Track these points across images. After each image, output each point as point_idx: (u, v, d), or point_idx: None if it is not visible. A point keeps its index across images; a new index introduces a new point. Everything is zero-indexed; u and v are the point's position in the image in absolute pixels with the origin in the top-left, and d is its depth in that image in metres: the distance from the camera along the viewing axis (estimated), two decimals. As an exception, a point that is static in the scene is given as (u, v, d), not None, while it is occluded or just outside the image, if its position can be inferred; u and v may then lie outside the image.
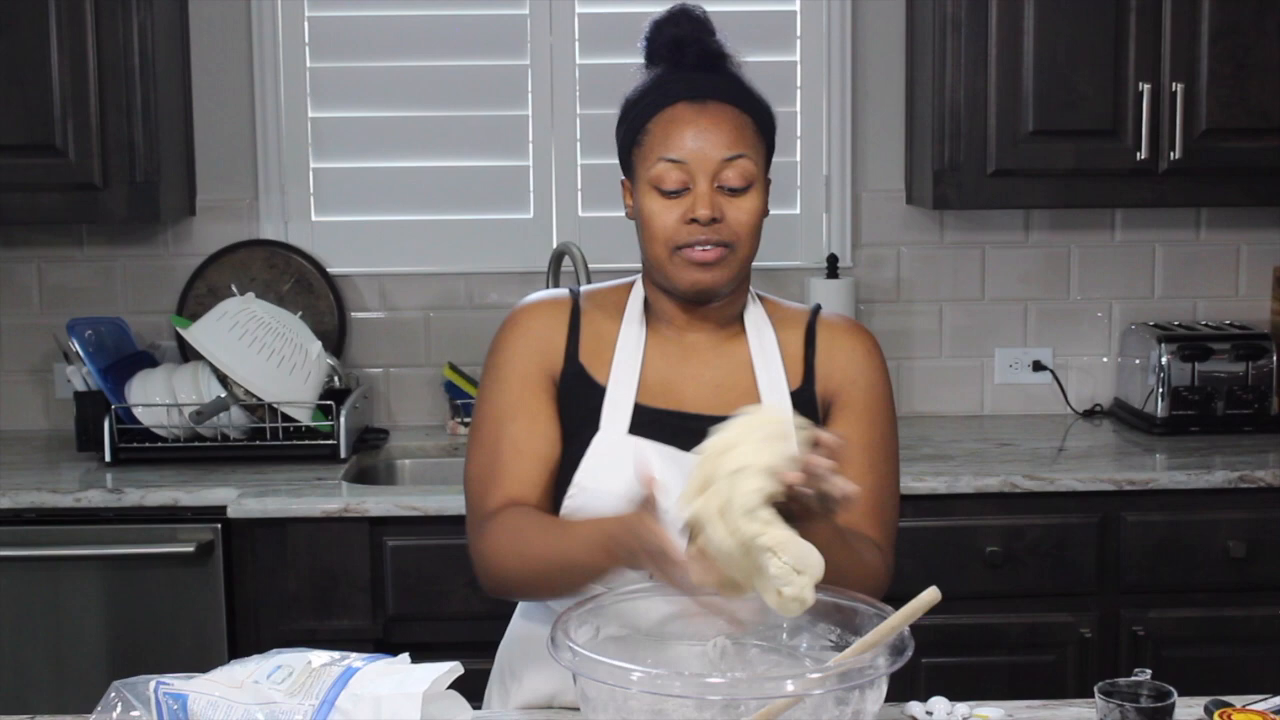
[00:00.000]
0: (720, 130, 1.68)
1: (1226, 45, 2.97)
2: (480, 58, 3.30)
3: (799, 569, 1.35)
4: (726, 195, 1.67)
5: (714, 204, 1.66)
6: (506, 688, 1.81)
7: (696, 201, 1.66)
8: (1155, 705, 1.43)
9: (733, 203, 1.67)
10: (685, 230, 1.66)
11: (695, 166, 1.67)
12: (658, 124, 1.69)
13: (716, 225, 1.66)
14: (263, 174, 3.30)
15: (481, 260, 3.33)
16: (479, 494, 1.71)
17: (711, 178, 1.67)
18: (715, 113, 1.69)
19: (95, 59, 2.91)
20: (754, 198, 1.69)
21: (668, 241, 1.67)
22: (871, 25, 3.31)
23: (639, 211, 1.71)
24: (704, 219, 1.65)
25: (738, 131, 1.69)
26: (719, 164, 1.67)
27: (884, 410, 1.78)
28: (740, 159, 1.68)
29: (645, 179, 1.69)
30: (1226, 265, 3.39)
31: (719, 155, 1.67)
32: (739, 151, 1.68)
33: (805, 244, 3.35)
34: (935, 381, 3.40)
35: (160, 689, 1.40)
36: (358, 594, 2.68)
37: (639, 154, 1.71)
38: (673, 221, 1.67)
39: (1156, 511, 2.78)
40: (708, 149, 1.67)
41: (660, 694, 1.30)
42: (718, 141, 1.67)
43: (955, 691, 1.65)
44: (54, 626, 2.70)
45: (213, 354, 2.92)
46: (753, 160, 1.69)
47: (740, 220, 1.68)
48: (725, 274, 1.69)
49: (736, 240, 1.68)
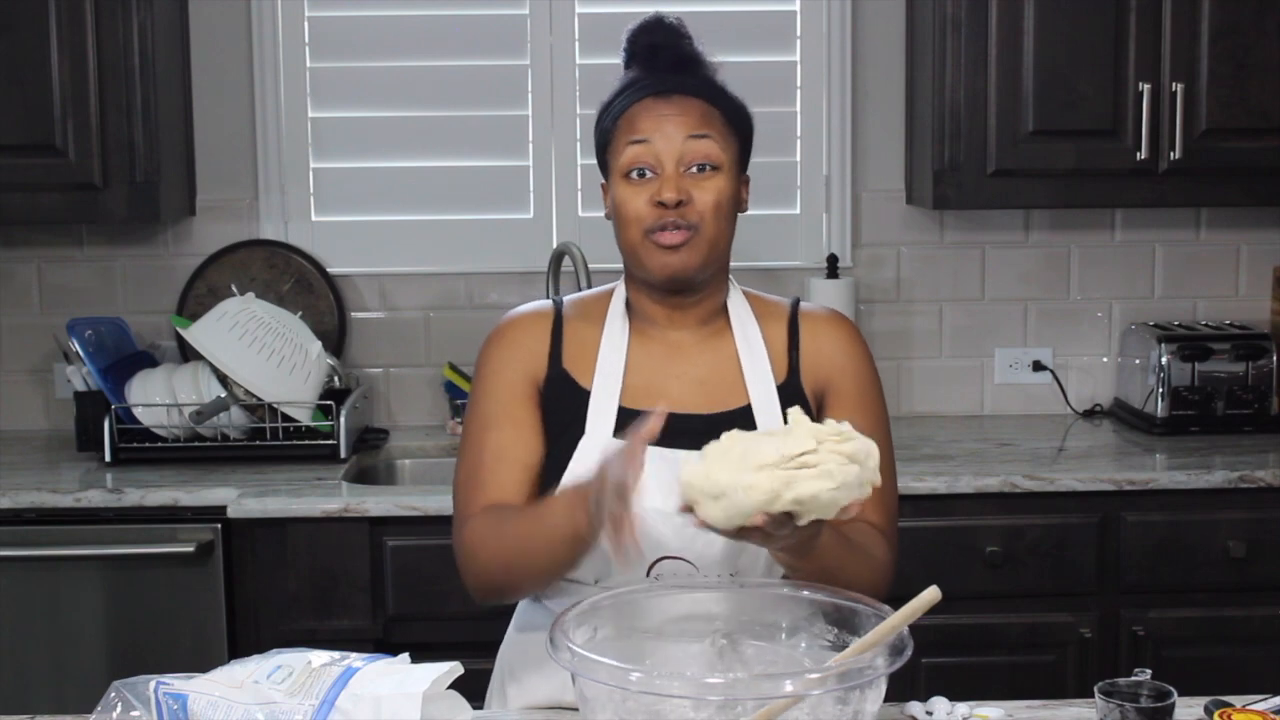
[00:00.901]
0: (685, 117, 1.71)
1: (1226, 45, 2.97)
2: (480, 58, 3.30)
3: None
4: (692, 179, 1.69)
5: (679, 187, 1.68)
6: (506, 690, 1.81)
7: (663, 185, 1.68)
8: (1155, 705, 1.43)
9: (699, 184, 1.70)
10: (653, 214, 1.69)
11: (660, 147, 1.69)
12: (625, 117, 1.73)
13: (683, 208, 1.68)
14: (263, 174, 3.30)
15: (481, 260, 3.33)
16: (463, 500, 1.74)
17: (677, 161, 1.69)
18: (680, 102, 1.72)
19: (95, 59, 2.91)
20: (721, 179, 1.71)
21: (638, 224, 1.70)
22: (871, 25, 3.31)
23: (613, 203, 1.74)
24: (670, 201, 1.67)
25: (703, 117, 1.71)
26: (683, 142, 1.69)
27: (875, 395, 1.80)
28: (704, 139, 1.70)
29: (617, 170, 1.72)
30: (1226, 265, 3.39)
31: (683, 134, 1.69)
32: (703, 132, 1.70)
33: (805, 244, 3.35)
34: (935, 381, 3.40)
35: (160, 689, 1.40)
36: (358, 594, 2.68)
37: (611, 150, 1.74)
38: (642, 205, 1.69)
39: (1156, 511, 2.78)
40: (671, 129, 1.69)
41: (659, 694, 1.30)
42: (682, 124, 1.70)
43: (955, 691, 1.65)
44: (54, 626, 2.70)
45: (213, 354, 2.92)
46: (718, 144, 1.71)
47: (705, 200, 1.69)
48: (694, 257, 1.70)
49: (701, 221, 1.69)
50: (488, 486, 1.72)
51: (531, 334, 1.78)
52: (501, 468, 1.72)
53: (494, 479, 1.72)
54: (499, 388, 1.75)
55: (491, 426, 1.74)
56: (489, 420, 1.74)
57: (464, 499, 1.74)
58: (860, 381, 1.78)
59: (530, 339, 1.78)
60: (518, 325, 1.80)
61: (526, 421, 1.74)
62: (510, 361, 1.77)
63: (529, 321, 1.80)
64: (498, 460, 1.72)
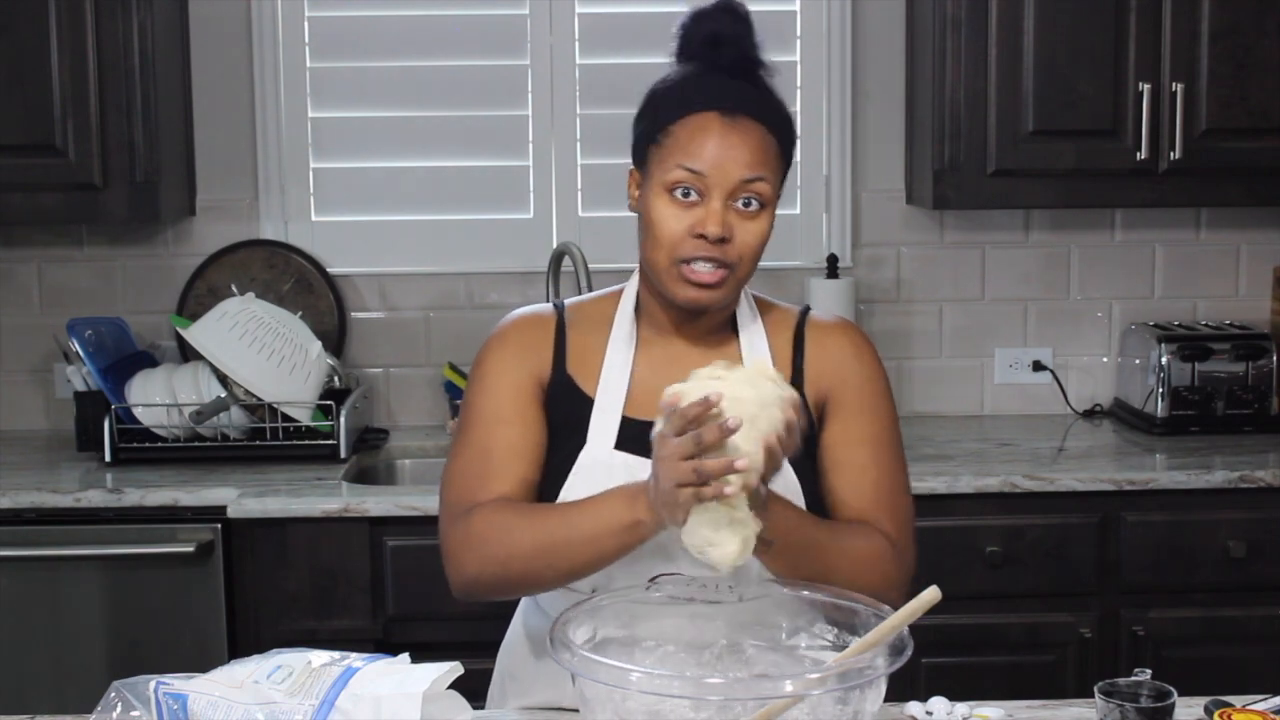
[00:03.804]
0: (746, 148, 1.63)
1: (1226, 45, 2.97)
2: (480, 58, 3.30)
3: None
4: (737, 215, 1.64)
5: (725, 223, 1.62)
6: (506, 690, 1.81)
7: (708, 217, 1.62)
8: (1155, 705, 1.43)
9: (743, 224, 1.64)
10: (691, 244, 1.63)
11: (714, 181, 1.62)
12: (684, 128, 1.64)
13: (723, 245, 1.63)
14: (263, 174, 3.30)
15: (481, 260, 3.33)
16: (464, 489, 1.70)
17: (727, 195, 1.63)
18: (744, 129, 1.64)
19: (95, 59, 2.91)
20: (764, 220, 1.66)
21: (671, 250, 1.64)
22: (871, 25, 3.31)
23: (647, 213, 1.67)
24: (713, 237, 1.62)
25: (762, 152, 1.64)
26: (738, 184, 1.63)
27: (882, 403, 1.76)
28: (759, 181, 1.64)
29: (660, 180, 1.65)
30: (1226, 265, 3.39)
31: (739, 175, 1.62)
32: (760, 174, 1.63)
33: (805, 244, 3.35)
34: (935, 381, 3.40)
35: (160, 689, 1.40)
36: (358, 594, 2.68)
37: (657, 153, 1.66)
38: (681, 231, 1.63)
39: (1156, 511, 2.78)
40: (730, 166, 1.62)
41: (658, 694, 1.30)
42: (741, 160, 1.62)
43: (955, 691, 1.65)
44: (54, 626, 2.70)
45: (213, 354, 2.92)
46: (770, 184, 1.65)
47: (747, 243, 1.65)
48: (723, 294, 1.67)
49: (740, 262, 1.65)
50: (500, 478, 1.68)
51: (535, 337, 1.75)
52: (514, 462, 1.69)
53: (506, 472, 1.68)
54: (504, 385, 1.72)
55: (502, 421, 1.70)
56: (497, 415, 1.71)
57: (465, 489, 1.69)
58: (865, 390, 1.75)
59: (534, 341, 1.75)
60: (520, 327, 1.77)
61: (534, 421, 1.72)
62: (515, 361, 1.74)
63: (531, 324, 1.77)
64: (510, 454, 1.69)
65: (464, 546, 1.67)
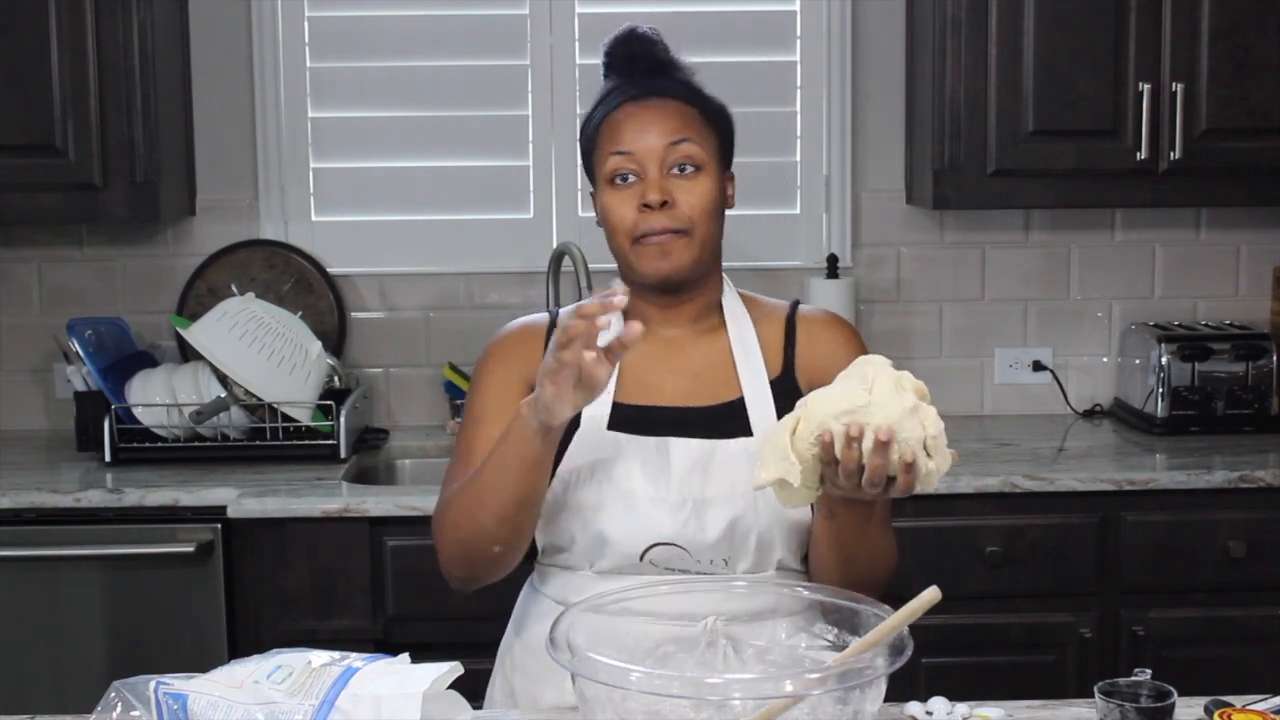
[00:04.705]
0: (663, 118, 1.73)
1: (1226, 45, 2.97)
2: (480, 58, 3.30)
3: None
4: (676, 180, 1.72)
5: (663, 188, 1.71)
6: (506, 690, 1.81)
7: (647, 188, 1.71)
8: (1155, 705, 1.43)
9: (683, 186, 1.72)
10: (641, 219, 1.71)
11: (643, 156, 1.72)
12: (607, 125, 1.76)
13: (670, 210, 1.70)
14: (263, 174, 3.30)
15: (481, 260, 3.33)
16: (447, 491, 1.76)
17: (660, 164, 1.72)
18: (658, 105, 1.75)
19: (95, 59, 2.91)
20: (705, 180, 1.73)
21: (627, 232, 1.73)
22: (871, 25, 3.31)
23: (601, 209, 1.77)
24: (654, 203, 1.70)
25: (680, 119, 1.74)
26: (664, 149, 1.72)
27: None
28: (684, 142, 1.72)
29: (601, 177, 1.76)
30: (1226, 265, 3.39)
31: (662, 141, 1.72)
32: (683, 136, 1.72)
33: (805, 244, 3.35)
34: (935, 381, 3.32)
35: (160, 689, 1.40)
36: (358, 594, 2.68)
37: (595, 158, 1.78)
38: (628, 211, 1.72)
39: (1156, 511, 2.78)
40: (651, 138, 1.72)
41: (658, 694, 1.30)
42: (661, 130, 1.73)
43: (955, 691, 1.65)
44: (54, 626, 2.70)
45: (213, 354, 2.92)
46: (699, 145, 1.73)
47: (693, 204, 1.72)
48: (685, 258, 1.72)
49: (692, 225, 1.72)
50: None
51: (526, 344, 1.80)
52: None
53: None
54: (493, 388, 1.78)
55: (485, 422, 1.76)
56: (482, 417, 1.77)
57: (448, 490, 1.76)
58: None
59: (526, 347, 1.80)
60: (514, 336, 1.83)
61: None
62: (505, 366, 1.79)
63: (523, 331, 1.83)
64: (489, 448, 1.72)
65: (438, 537, 1.74)
